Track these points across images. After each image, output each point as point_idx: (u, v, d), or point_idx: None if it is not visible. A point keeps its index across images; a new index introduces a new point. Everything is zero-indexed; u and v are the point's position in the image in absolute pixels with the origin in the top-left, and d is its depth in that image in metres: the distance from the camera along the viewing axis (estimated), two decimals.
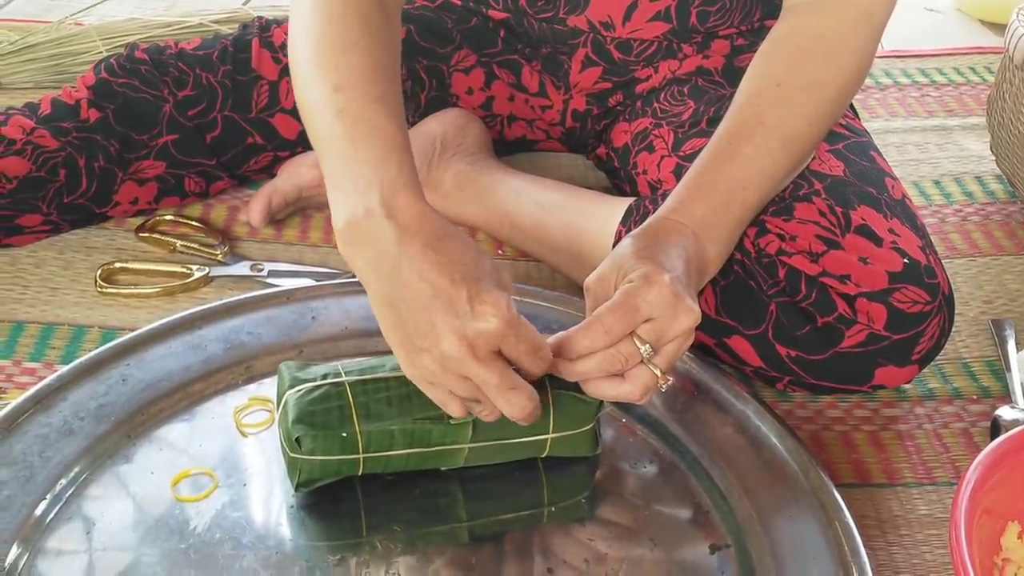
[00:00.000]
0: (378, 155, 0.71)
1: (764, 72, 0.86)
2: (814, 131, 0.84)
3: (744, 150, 0.81)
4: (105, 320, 0.95)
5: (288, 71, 1.02)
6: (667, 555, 0.74)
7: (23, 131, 0.98)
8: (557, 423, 0.75)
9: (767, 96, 0.84)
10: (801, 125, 0.83)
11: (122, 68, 1.04)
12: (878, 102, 1.37)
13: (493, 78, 1.11)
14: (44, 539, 0.72)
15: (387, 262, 0.68)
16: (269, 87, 1.05)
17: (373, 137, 0.72)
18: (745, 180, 0.81)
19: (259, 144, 1.07)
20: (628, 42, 1.03)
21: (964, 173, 1.23)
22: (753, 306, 0.84)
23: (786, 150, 0.83)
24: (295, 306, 0.91)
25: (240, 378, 0.85)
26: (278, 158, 1.08)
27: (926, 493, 0.84)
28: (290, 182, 1.07)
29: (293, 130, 1.07)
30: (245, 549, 0.73)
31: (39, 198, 0.99)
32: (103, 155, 1.01)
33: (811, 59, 0.85)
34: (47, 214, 1.00)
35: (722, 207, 0.80)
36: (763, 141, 0.81)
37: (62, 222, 1.03)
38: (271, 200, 1.06)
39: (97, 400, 0.81)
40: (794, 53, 0.86)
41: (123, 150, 1.01)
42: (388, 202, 0.69)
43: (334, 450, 0.73)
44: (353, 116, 0.73)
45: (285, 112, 1.06)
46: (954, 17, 1.66)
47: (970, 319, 1.01)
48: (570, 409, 0.76)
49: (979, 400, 0.93)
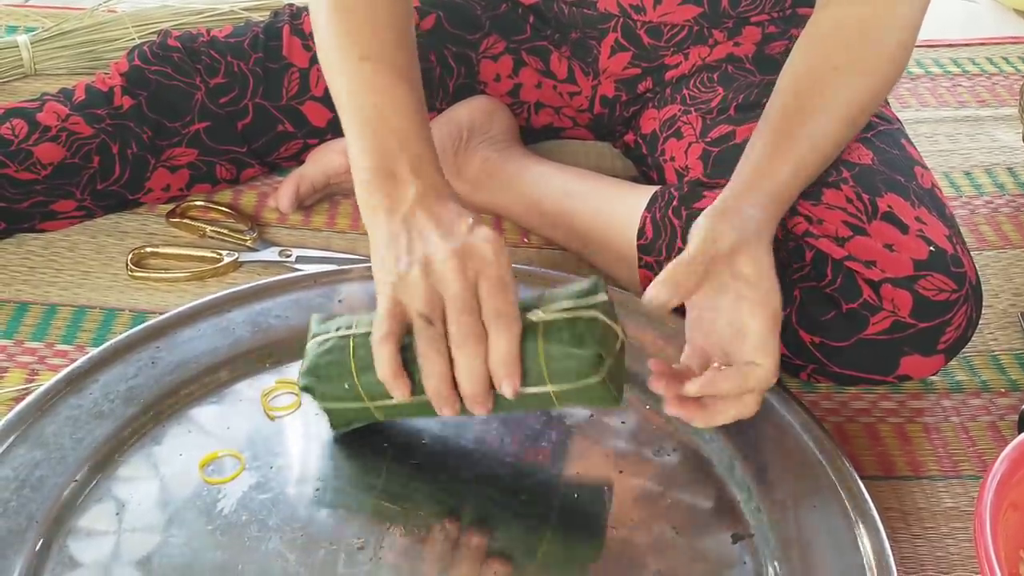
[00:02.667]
0: (406, 127, 0.78)
1: (818, 54, 0.86)
2: (861, 119, 0.86)
3: (806, 128, 0.82)
4: (136, 303, 0.97)
5: (318, 59, 1.03)
6: (689, 543, 0.74)
7: (58, 117, 1.00)
8: (553, 376, 0.71)
9: (825, 78, 0.84)
10: (853, 111, 0.84)
11: (155, 56, 1.04)
12: (909, 92, 1.35)
13: (521, 65, 1.11)
14: (75, 519, 0.74)
15: (403, 207, 0.75)
16: (300, 75, 1.06)
17: (400, 110, 0.79)
18: (801, 160, 0.81)
19: (289, 132, 1.08)
20: (658, 27, 1.03)
21: (995, 164, 1.22)
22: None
23: (841, 131, 0.84)
24: (322, 289, 0.92)
25: (268, 361, 0.86)
26: (308, 145, 1.09)
27: (951, 486, 0.84)
28: (318, 169, 1.08)
29: (323, 117, 1.07)
30: (271, 531, 0.73)
31: (73, 184, 1.00)
32: (136, 142, 1.01)
33: (860, 46, 0.85)
34: (80, 200, 1.02)
35: (785, 190, 0.80)
36: (825, 121, 0.82)
37: (95, 208, 1.04)
38: (299, 186, 1.07)
39: (127, 382, 0.82)
40: (843, 39, 0.86)
41: (156, 137, 1.02)
42: (416, 168, 0.76)
43: (340, 399, 0.76)
44: (380, 88, 0.80)
45: (315, 100, 1.06)
46: (988, 6, 1.64)
47: (999, 311, 1.01)
48: (563, 363, 0.71)
49: (1007, 393, 0.92)
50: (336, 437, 0.80)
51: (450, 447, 0.80)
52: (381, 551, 0.72)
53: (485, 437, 0.81)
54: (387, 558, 0.72)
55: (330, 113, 1.07)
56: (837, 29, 0.86)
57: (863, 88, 0.85)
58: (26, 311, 0.95)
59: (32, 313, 0.95)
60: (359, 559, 0.72)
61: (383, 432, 0.81)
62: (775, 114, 0.84)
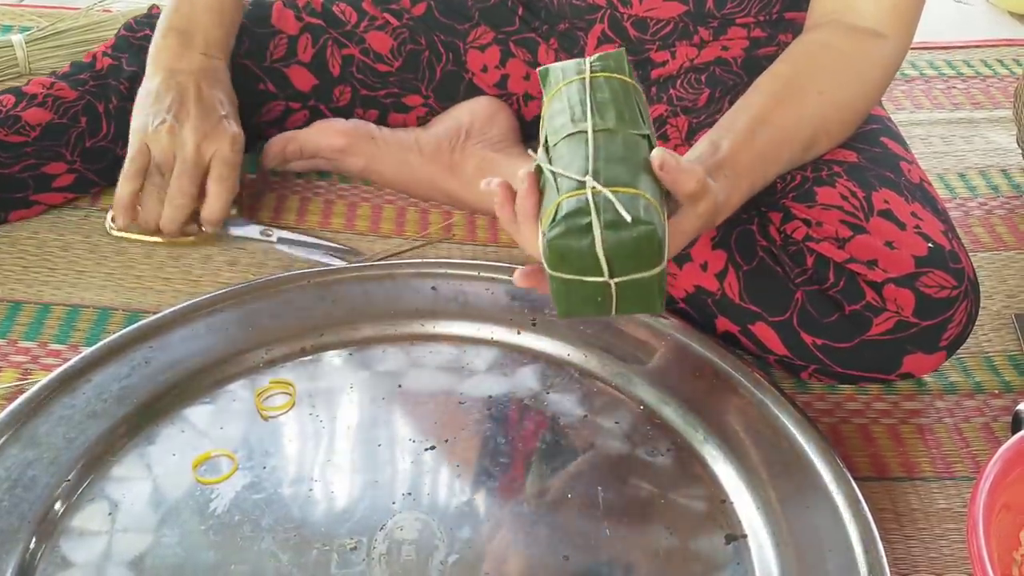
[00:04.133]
0: (216, 12, 1.02)
1: (801, 73, 0.87)
2: (822, 143, 0.86)
3: (781, 150, 0.82)
4: (129, 303, 0.96)
5: (309, 28, 1.09)
6: (683, 544, 0.74)
7: (43, 86, 1.03)
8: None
9: (799, 92, 0.85)
10: (832, 131, 0.86)
11: (138, 23, 1.08)
12: (904, 94, 1.36)
13: (509, 56, 1.11)
14: (67, 519, 0.73)
15: (181, 73, 0.98)
16: (288, 40, 1.08)
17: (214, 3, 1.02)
18: (775, 156, 0.82)
19: (271, 92, 1.09)
20: (644, 20, 1.03)
21: (990, 166, 1.22)
22: (778, 292, 0.84)
23: (804, 153, 0.85)
24: (316, 290, 0.92)
25: (261, 361, 0.86)
26: (290, 109, 1.10)
27: (945, 487, 0.84)
28: (314, 139, 1.09)
29: (308, 82, 1.09)
30: (264, 531, 0.73)
31: (62, 144, 1.02)
32: (115, 95, 1.04)
33: (841, 71, 0.87)
34: (71, 161, 1.03)
35: (760, 171, 0.81)
36: (793, 130, 0.83)
37: (86, 171, 1.04)
38: (288, 144, 1.09)
39: (120, 382, 0.82)
40: (830, 65, 0.87)
41: (132, 88, 1.04)
42: (207, 45, 1.01)
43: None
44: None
45: (301, 64, 1.08)
46: (983, 9, 1.64)
47: (993, 313, 1.01)
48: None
49: (1001, 395, 0.92)
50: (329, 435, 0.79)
51: (443, 448, 0.80)
52: (374, 552, 0.72)
53: (477, 437, 0.81)
54: (380, 559, 0.72)
55: (315, 79, 1.09)
56: (821, 51, 0.88)
57: (832, 112, 0.86)
58: (19, 310, 0.95)
59: (25, 312, 0.95)
60: (352, 560, 0.72)
61: (375, 433, 0.81)
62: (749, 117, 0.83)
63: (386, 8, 1.10)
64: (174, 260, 1.02)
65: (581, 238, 0.66)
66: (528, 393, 0.85)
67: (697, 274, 0.88)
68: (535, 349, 0.88)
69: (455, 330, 0.90)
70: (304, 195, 1.12)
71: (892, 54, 0.89)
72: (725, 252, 0.86)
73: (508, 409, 0.84)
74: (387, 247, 1.04)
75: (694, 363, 0.86)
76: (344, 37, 1.09)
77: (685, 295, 0.89)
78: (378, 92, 1.11)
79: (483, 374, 0.87)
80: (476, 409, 0.83)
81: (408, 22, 1.10)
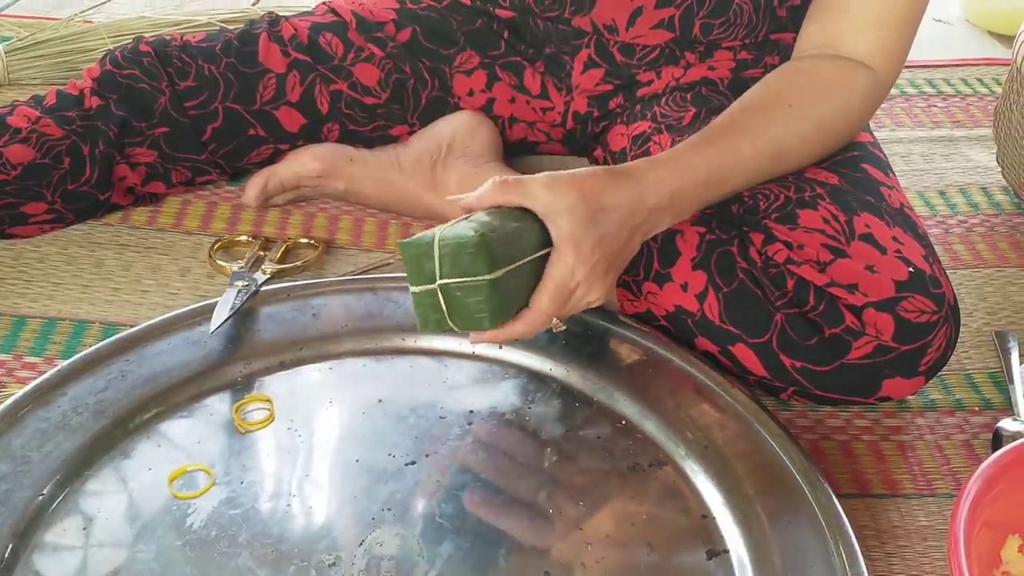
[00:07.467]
0: None
1: (776, 89, 0.90)
2: (804, 161, 0.89)
3: (741, 146, 0.85)
4: (106, 316, 0.95)
5: (296, 65, 1.05)
6: (664, 560, 0.74)
7: (28, 120, 1.00)
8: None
9: (775, 110, 0.87)
10: (801, 150, 0.88)
11: (126, 60, 1.05)
12: (884, 112, 1.36)
13: (495, 80, 1.11)
14: (41, 534, 0.72)
15: None
16: (276, 80, 1.06)
17: None
18: (729, 173, 0.84)
19: (261, 136, 1.07)
20: (631, 46, 1.03)
21: (969, 184, 1.23)
22: (758, 314, 0.84)
23: (774, 164, 0.87)
24: (295, 303, 0.91)
25: (240, 375, 0.85)
26: (279, 151, 1.09)
27: (926, 505, 0.83)
28: (291, 169, 1.08)
29: (296, 123, 1.07)
30: (240, 547, 0.72)
31: (43, 185, 1.00)
32: (103, 140, 1.02)
33: (825, 97, 0.89)
34: (51, 202, 1.01)
35: (702, 188, 0.84)
36: (762, 145, 0.85)
37: (66, 211, 1.03)
38: (268, 181, 1.08)
39: (96, 395, 0.81)
40: (808, 86, 0.89)
41: (121, 135, 1.02)
42: None
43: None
44: None
45: (290, 105, 1.07)
46: (962, 28, 1.66)
47: (973, 330, 1.01)
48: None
49: (981, 412, 0.92)
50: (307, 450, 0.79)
51: (423, 463, 0.79)
52: (353, 568, 0.72)
53: (458, 451, 0.80)
54: (359, 575, 0.71)
55: (304, 119, 1.07)
56: (806, 77, 0.90)
57: (812, 133, 0.88)
58: None
59: (1, 325, 0.94)
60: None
61: (355, 448, 0.80)
62: (715, 122, 0.87)
63: (371, 38, 1.08)
64: (151, 272, 1.01)
65: (423, 238, 0.73)
66: (510, 408, 0.85)
67: (677, 294, 0.87)
68: (517, 364, 0.88)
69: (436, 344, 0.89)
70: (285, 208, 1.11)
71: (875, 86, 0.90)
72: (705, 273, 0.86)
73: (489, 424, 0.83)
74: (368, 260, 1.04)
75: (676, 378, 0.86)
76: (332, 72, 1.07)
77: (665, 314, 0.89)
78: (365, 127, 1.10)
79: (464, 388, 0.86)
80: (457, 424, 0.83)
81: (392, 51, 1.08)
